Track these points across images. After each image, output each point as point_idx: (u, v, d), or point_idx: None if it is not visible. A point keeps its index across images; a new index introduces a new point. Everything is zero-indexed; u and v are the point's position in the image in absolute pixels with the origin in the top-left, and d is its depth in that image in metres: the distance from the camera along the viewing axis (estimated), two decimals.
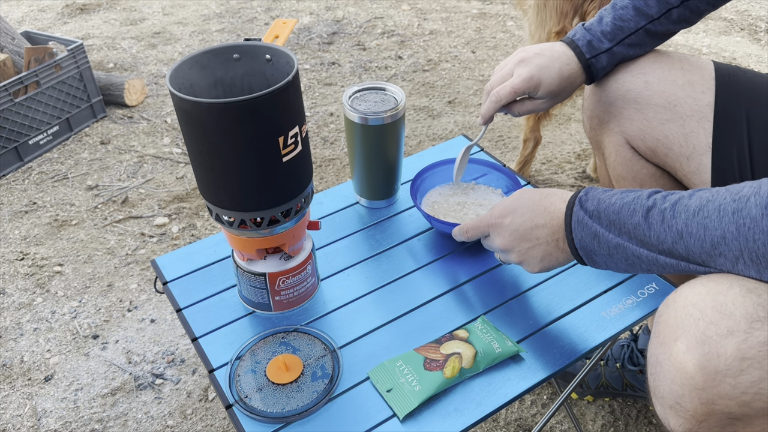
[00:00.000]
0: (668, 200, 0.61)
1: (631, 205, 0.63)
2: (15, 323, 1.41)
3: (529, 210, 0.73)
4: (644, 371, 1.13)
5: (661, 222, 0.60)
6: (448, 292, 0.86)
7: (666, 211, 0.60)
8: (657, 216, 0.60)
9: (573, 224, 0.68)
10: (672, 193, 0.62)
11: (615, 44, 0.89)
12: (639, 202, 0.62)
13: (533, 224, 0.72)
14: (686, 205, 0.58)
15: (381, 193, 1.01)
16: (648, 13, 0.87)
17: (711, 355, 0.51)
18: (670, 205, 0.60)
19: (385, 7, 2.91)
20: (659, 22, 0.87)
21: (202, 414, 1.21)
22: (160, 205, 1.74)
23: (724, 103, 0.83)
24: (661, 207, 0.60)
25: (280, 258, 0.81)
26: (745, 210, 0.54)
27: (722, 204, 0.56)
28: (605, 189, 0.68)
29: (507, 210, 0.75)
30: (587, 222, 0.66)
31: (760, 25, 2.65)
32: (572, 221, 0.68)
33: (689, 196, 0.59)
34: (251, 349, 0.78)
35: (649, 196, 0.63)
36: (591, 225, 0.66)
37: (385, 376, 0.74)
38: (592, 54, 0.89)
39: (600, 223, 0.65)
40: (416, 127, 2.04)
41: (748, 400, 0.50)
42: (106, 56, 2.54)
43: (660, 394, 0.56)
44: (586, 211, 0.67)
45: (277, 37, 0.81)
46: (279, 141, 0.68)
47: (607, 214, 0.65)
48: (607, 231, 0.65)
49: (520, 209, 0.74)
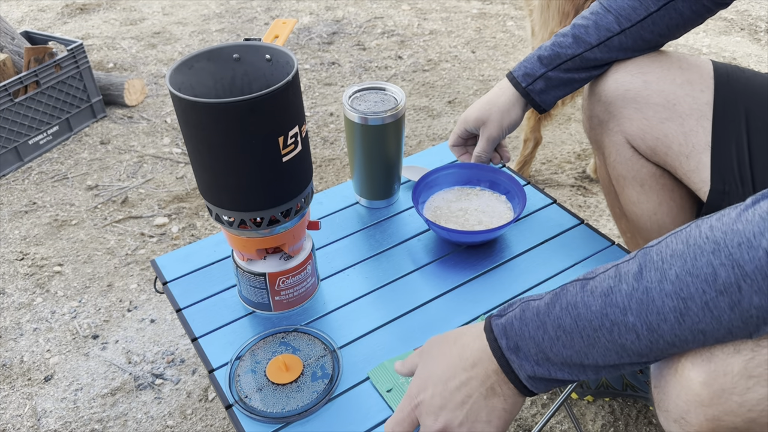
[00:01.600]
0: (625, 309, 0.51)
1: (580, 333, 0.53)
2: (15, 323, 1.41)
3: (446, 369, 0.60)
4: (644, 371, 1.13)
5: (638, 340, 0.51)
6: (448, 292, 0.86)
7: (636, 326, 0.51)
8: (628, 335, 0.51)
9: (521, 377, 0.57)
10: (609, 290, 0.52)
11: (550, 69, 0.91)
12: (585, 325, 0.53)
13: (458, 383, 0.59)
14: (659, 311, 0.49)
15: (381, 193, 1.01)
16: (586, 40, 0.88)
17: (717, 372, 0.50)
18: (636, 317, 0.50)
19: (385, 7, 2.91)
20: (598, 49, 0.88)
21: (202, 414, 1.21)
22: (160, 205, 1.74)
23: (723, 101, 0.84)
24: (625, 322, 0.51)
25: (280, 258, 0.81)
26: (744, 301, 0.46)
27: (708, 300, 0.47)
28: (516, 318, 0.57)
29: (423, 382, 0.61)
30: (537, 372, 0.56)
31: (760, 25, 2.65)
32: (519, 377, 0.57)
33: (650, 297, 0.50)
34: (251, 349, 0.78)
35: (585, 311, 0.53)
36: (545, 373, 0.56)
37: (385, 376, 0.74)
38: (528, 82, 0.92)
39: (552, 363, 0.55)
40: (416, 127, 2.04)
41: (754, 417, 0.49)
42: (106, 56, 2.54)
43: (665, 408, 0.55)
44: (524, 357, 0.56)
45: (277, 37, 0.81)
46: (279, 141, 0.68)
47: (556, 353, 0.55)
48: (565, 368, 0.55)
49: (431, 376, 0.61)
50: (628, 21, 0.86)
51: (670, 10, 0.85)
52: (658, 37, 0.88)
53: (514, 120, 0.96)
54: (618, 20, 0.87)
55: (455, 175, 1.00)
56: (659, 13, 0.85)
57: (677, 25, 0.87)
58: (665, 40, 0.89)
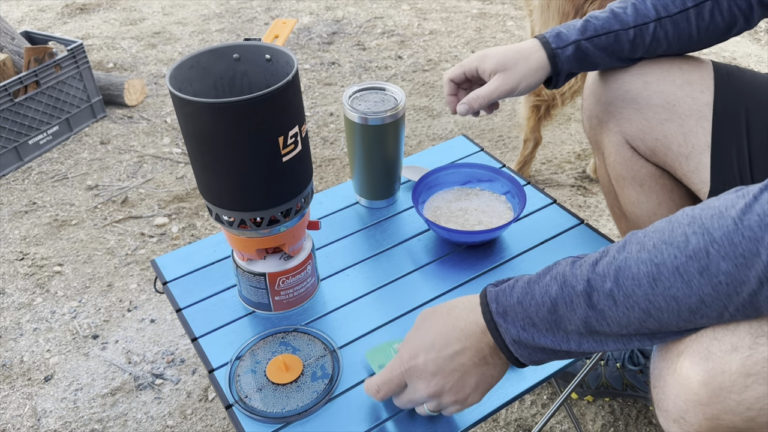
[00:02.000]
0: (605, 276, 0.52)
1: (564, 299, 0.55)
2: (15, 323, 1.41)
3: (439, 338, 0.62)
4: (644, 371, 1.13)
5: (615, 306, 0.52)
6: (448, 292, 0.86)
7: (614, 291, 0.52)
8: (606, 301, 0.52)
9: (506, 341, 0.59)
10: (595, 262, 0.54)
11: (584, 38, 0.86)
12: (569, 291, 0.54)
13: (451, 352, 0.61)
14: (634, 276, 0.51)
15: (381, 193, 1.01)
16: (624, 19, 0.86)
17: (715, 371, 0.50)
18: (613, 283, 0.52)
19: (385, 7, 2.91)
20: (633, 31, 0.86)
21: (202, 414, 1.21)
22: (159, 205, 1.74)
23: (723, 102, 0.84)
24: (603, 288, 0.52)
25: (280, 258, 0.81)
26: (712, 266, 0.48)
27: (679, 265, 0.49)
28: (509, 286, 0.60)
29: (415, 349, 0.63)
30: (522, 337, 0.58)
31: (761, 24, 2.65)
32: (504, 341, 0.59)
33: (627, 264, 0.52)
34: (251, 349, 0.78)
35: (571, 278, 0.54)
36: (529, 339, 0.58)
37: (379, 355, 0.75)
38: (559, 45, 0.87)
39: (537, 329, 0.57)
40: (416, 127, 2.04)
41: (753, 415, 0.50)
42: (105, 56, 2.54)
43: (664, 408, 0.55)
44: (510, 321, 0.58)
45: (277, 36, 0.81)
46: (279, 141, 0.68)
47: (541, 318, 0.56)
48: (549, 334, 0.57)
49: (428, 342, 0.62)
50: (665, 11, 0.85)
51: (703, 11, 0.85)
52: (688, 38, 0.86)
53: (534, 83, 0.89)
54: (656, 8, 0.85)
55: (455, 175, 1.00)
56: (695, 10, 0.85)
57: (707, 29, 0.86)
58: (695, 46, 0.87)
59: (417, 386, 0.64)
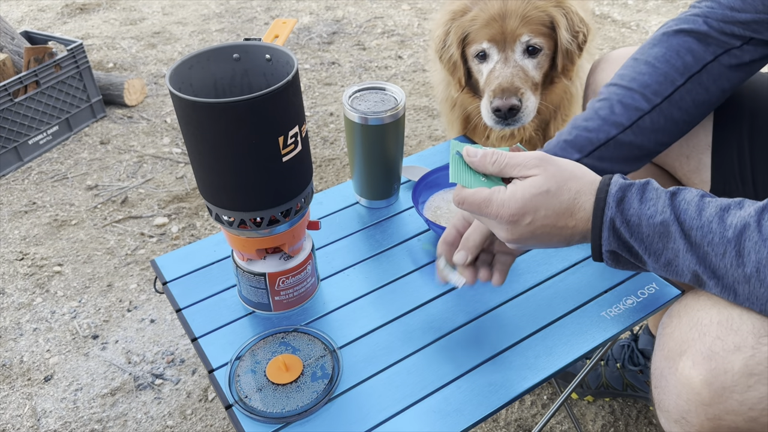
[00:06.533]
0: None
1: (715, 232, 0.54)
2: (15, 323, 1.41)
3: (553, 213, 0.61)
4: (645, 371, 1.13)
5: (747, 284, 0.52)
6: (448, 292, 0.86)
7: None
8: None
9: (607, 244, 0.60)
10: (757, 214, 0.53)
11: (583, 156, 0.78)
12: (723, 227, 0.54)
13: (554, 225, 0.61)
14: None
15: (381, 193, 1.01)
16: (617, 120, 0.77)
17: (718, 371, 0.50)
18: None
19: (385, 6, 2.91)
20: (631, 131, 0.77)
21: (201, 414, 1.21)
22: (159, 205, 1.74)
23: (725, 101, 0.84)
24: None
25: (280, 258, 0.81)
26: None
27: None
28: (642, 182, 0.59)
29: (526, 209, 0.61)
30: (633, 246, 0.58)
31: None
32: (605, 241, 0.59)
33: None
34: (251, 349, 0.78)
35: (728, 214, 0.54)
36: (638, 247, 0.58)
37: (464, 166, 0.67)
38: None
39: (643, 246, 0.57)
40: (416, 127, 2.04)
41: (755, 416, 0.49)
42: (105, 56, 2.54)
43: (665, 408, 0.55)
44: (630, 227, 0.58)
45: (277, 36, 0.81)
46: (279, 141, 0.68)
47: (653, 246, 0.57)
48: (646, 254, 0.57)
49: (541, 210, 0.61)
50: (657, 96, 0.77)
51: (695, 83, 0.77)
52: (686, 118, 0.78)
53: None
54: (645, 97, 0.77)
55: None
56: (686, 86, 0.77)
57: (703, 101, 0.78)
58: (690, 123, 0.80)
59: (500, 231, 0.63)
